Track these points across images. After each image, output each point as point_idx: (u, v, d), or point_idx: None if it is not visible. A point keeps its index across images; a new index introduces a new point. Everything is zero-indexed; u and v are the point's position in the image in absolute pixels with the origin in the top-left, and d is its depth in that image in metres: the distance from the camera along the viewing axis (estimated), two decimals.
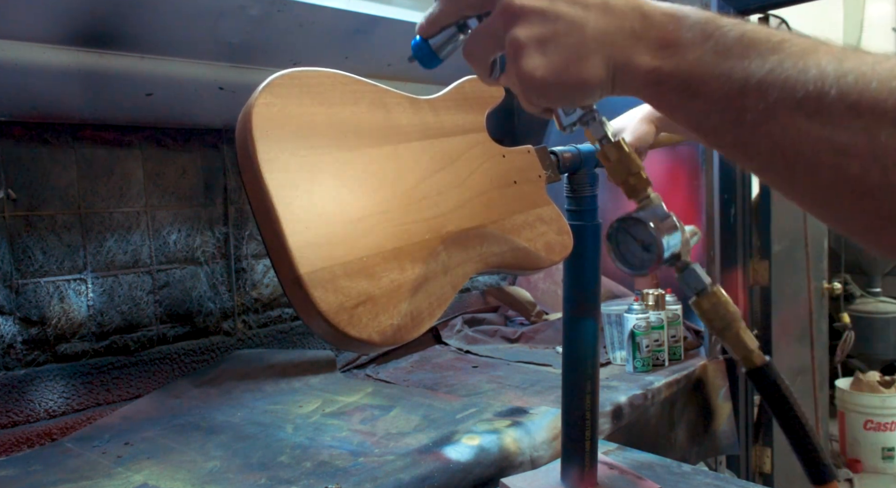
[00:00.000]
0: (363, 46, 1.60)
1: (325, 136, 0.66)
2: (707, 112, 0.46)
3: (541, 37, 0.49)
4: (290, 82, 0.65)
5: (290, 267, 0.59)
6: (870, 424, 3.02)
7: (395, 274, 0.66)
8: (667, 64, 0.47)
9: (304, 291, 0.58)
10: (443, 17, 0.59)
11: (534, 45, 0.50)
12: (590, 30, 0.49)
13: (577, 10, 0.49)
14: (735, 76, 0.44)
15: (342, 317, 0.60)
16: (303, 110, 0.65)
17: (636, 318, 1.54)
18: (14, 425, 1.24)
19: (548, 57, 0.49)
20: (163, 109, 1.43)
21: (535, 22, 0.50)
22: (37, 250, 1.28)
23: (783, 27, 2.20)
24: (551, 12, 0.49)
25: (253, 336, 1.62)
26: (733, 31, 0.45)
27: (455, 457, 1.05)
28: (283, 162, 0.61)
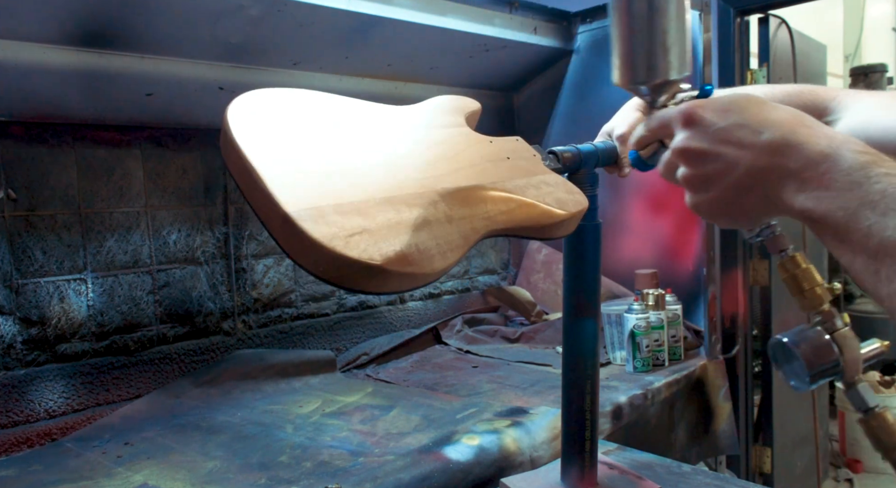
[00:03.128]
0: (363, 46, 1.59)
1: (297, 120, 0.68)
2: (852, 258, 0.48)
3: (703, 175, 0.55)
4: (262, 93, 0.69)
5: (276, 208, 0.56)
6: None
7: (391, 214, 0.63)
8: (817, 207, 0.49)
9: (294, 227, 0.56)
10: (645, 139, 0.66)
11: (698, 183, 0.56)
12: (744, 168, 0.52)
13: (733, 149, 0.53)
14: (875, 234, 0.46)
15: (337, 243, 0.56)
16: (278, 105, 0.68)
17: (636, 318, 1.54)
18: (14, 425, 1.24)
19: (710, 193, 0.55)
20: (163, 109, 1.43)
21: (698, 162, 0.55)
22: (37, 250, 1.28)
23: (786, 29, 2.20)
24: (711, 153, 0.54)
25: (253, 336, 1.62)
26: (880, 183, 0.47)
27: (455, 457, 1.05)
28: (258, 130, 0.63)
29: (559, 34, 1.96)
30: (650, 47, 0.64)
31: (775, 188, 0.51)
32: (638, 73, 0.65)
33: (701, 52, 1.73)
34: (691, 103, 0.58)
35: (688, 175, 0.56)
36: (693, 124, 0.56)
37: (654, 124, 0.63)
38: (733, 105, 0.55)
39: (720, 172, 0.54)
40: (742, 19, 2.00)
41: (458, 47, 1.76)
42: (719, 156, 0.54)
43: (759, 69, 2.09)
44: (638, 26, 0.63)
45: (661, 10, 0.63)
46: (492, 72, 1.98)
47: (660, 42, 0.63)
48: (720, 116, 0.55)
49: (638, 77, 0.65)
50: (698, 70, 1.74)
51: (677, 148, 0.57)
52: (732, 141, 0.53)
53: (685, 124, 0.57)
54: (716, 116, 0.55)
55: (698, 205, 0.57)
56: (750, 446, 2.03)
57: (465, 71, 1.91)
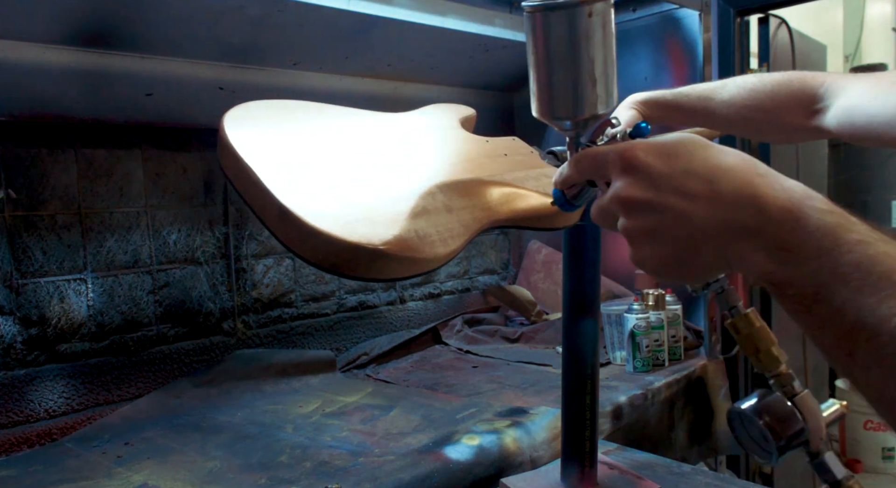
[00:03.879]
0: (363, 46, 1.59)
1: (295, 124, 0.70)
2: (821, 331, 0.43)
3: (649, 228, 0.49)
4: (254, 104, 0.71)
5: (273, 202, 0.56)
6: (870, 424, 3.02)
7: (388, 204, 0.63)
8: (781, 270, 0.44)
9: (293, 218, 0.56)
10: (571, 179, 0.59)
11: (643, 236, 0.49)
12: (697, 223, 0.47)
13: (683, 202, 0.47)
14: (848, 312, 0.41)
15: (336, 228, 0.57)
16: (269, 112, 0.70)
17: (636, 318, 1.54)
18: (14, 425, 1.24)
19: (657, 248, 0.49)
20: (163, 109, 1.43)
21: (642, 214, 0.49)
22: (37, 250, 1.28)
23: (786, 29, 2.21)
24: (657, 205, 0.48)
25: (253, 336, 1.62)
26: (853, 253, 0.41)
27: (455, 457, 1.05)
28: (253, 135, 0.65)
29: None
30: (576, 78, 0.56)
31: (732, 246, 0.46)
32: (560, 106, 0.57)
33: (701, 52, 1.73)
34: (629, 145, 0.51)
35: (630, 227, 0.50)
36: (633, 170, 0.49)
37: (583, 165, 0.56)
38: (679, 148, 0.49)
39: (668, 226, 0.48)
40: (742, 19, 2.00)
41: (458, 47, 1.76)
42: (666, 209, 0.47)
43: (759, 69, 2.10)
44: (561, 54, 0.55)
45: (588, 35, 0.55)
46: (492, 72, 1.98)
47: (587, 72, 0.56)
48: (664, 162, 0.49)
49: (560, 111, 0.58)
50: (698, 70, 1.74)
51: (615, 196, 0.50)
52: (680, 190, 0.47)
53: (622, 170, 0.50)
54: (660, 161, 0.49)
55: (643, 260, 0.50)
56: None
57: (465, 71, 1.91)
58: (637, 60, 1.84)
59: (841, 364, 0.43)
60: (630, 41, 1.86)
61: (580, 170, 0.57)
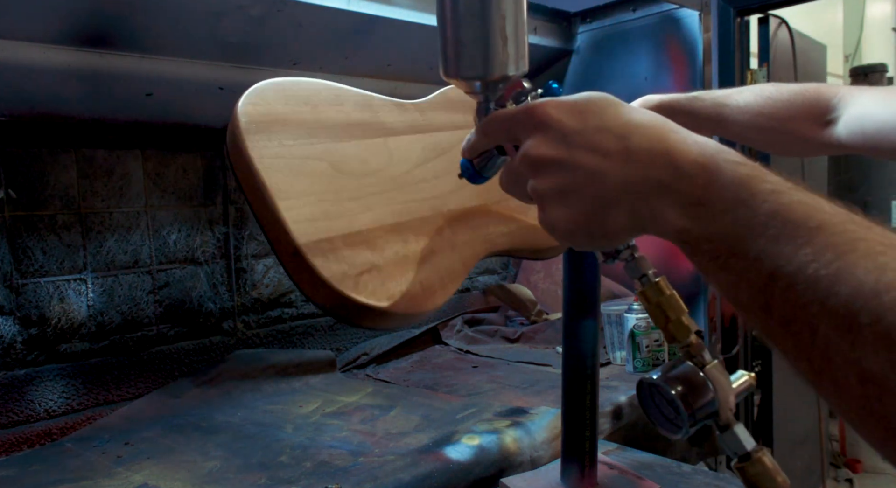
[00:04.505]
0: (363, 46, 1.59)
1: (313, 130, 0.66)
2: (736, 288, 0.42)
3: (560, 187, 0.47)
4: (274, 87, 0.66)
5: (287, 241, 0.57)
6: None
7: (399, 246, 0.65)
8: (695, 226, 0.43)
9: (305, 262, 0.57)
10: (479, 146, 0.58)
11: (554, 196, 0.47)
12: (611, 180, 0.45)
13: (596, 158, 0.45)
14: (764, 262, 0.39)
15: (347, 283, 0.59)
16: (289, 108, 0.66)
17: (636, 318, 1.54)
18: (14, 425, 1.24)
19: (569, 208, 0.47)
20: (163, 109, 1.43)
21: (553, 172, 0.47)
22: (37, 250, 1.28)
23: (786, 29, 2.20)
24: (569, 162, 0.46)
25: (253, 336, 1.62)
26: (767, 202, 0.40)
27: (455, 457, 1.05)
28: (272, 150, 0.62)
29: (559, 34, 1.96)
30: (486, 35, 0.53)
31: (646, 203, 0.44)
32: (470, 64, 0.55)
33: (701, 52, 1.73)
34: (539, 102, 0.49)
35: (539, 187, 0.48)
36: (543, 127, 0.47)
37: (491, 127, 0.54)
38: (590, 105, 0.48)
39: (580, 185, 0.46)
40: (742, 19, 2.00)
41: None
42: (578, 166, 0.46)
43: (759, 69, 2.10)
44: (471, 9, 0.53)
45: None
46: None
47: (497, 29, 0.53)
48: (576, 118, 0.47)
49: (470, 69, 0.55)
50: (698, 70, 1.74)
51: (525, 155, 0.48)
52: (593, 147, 0.45)
53: (533, 127, 0.48)
54: (571, 118, 0.47)
55: (554, 222, 0.48)
56: None
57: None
58: (637, 60, 1.84)
59: (758, 319, 0.41)
60: (630, 41, 1.86)
61: (488, 133, 0.55)
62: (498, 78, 0.55)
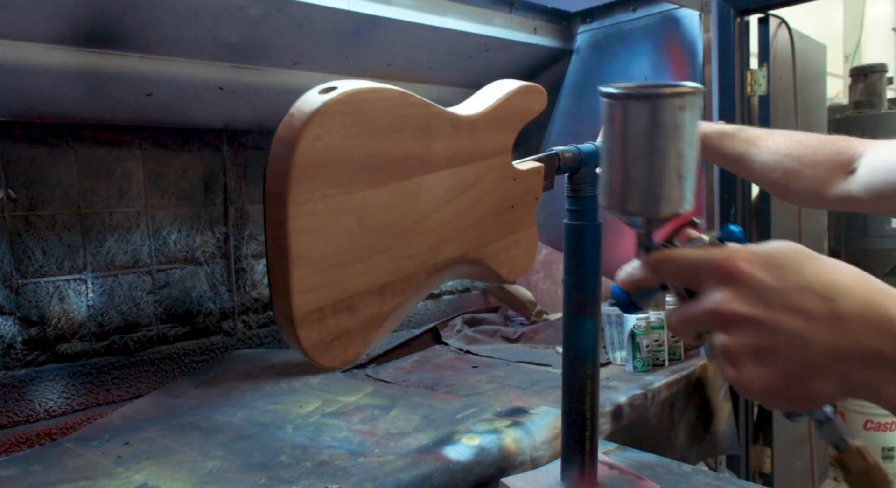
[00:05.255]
0: (363, 46, 1.59)
1: (359, 172, 0.64)
2: None
3: (757, 348, 0.44)
4: (344, 109, 0.61)
5: (286, 306, 0.60)
6: (870, 424, 3.02)
7: (375, 308, 0.67)
8: None
9: (293, 327, 0.60)
10: (645, 283, 0.55)
11: (749, 356, 0.44)
12: (816, 345, 0.42)
13: (798, 320, 0.43)
14: None
15: (318, 352, 0.63)
16: (348, 142, 0.62)
17: (636, 318, 1.54)
18: (14, 425, 1.24)
19: (766, 369, 0.44)
20: (163, 109, 1.43)
21: (749, 331, 0.44)
22: (37, 250, 1.28)
23: (786, 29, 2.20)
24: (768, 323, 0.43)
25: (253, 336, 1.62)
26: None
27: (455, 457, 1.05)
28: (313, 205, 0.60)
29: (559, 34, 1.96)
30: (660, 174, 0.51)
31: (860, 372, 0.41)
32: (640, 202, 0.52)
33: (701, 52, 1.73)
34: (730, 253, 0.46)
35: (732, 346, 0.45)
36: (736, 282, 0.45)
37: (667, 269, 0.52)
38: (786, 260, 0.45)
39: (780, 347, 0.43)
40: (742, 19, 2.00)
41: (458, 47, 1.76)
42: (778, 327, 0.43)
43: (759, 69, 2.10)
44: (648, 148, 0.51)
45: (678, 128, 0.50)
46: (492, 72, 1.98)
47: (673, 168, 0.51)
48: (772, 274, 0.44)
49: (639, 207, 0.53)
50: (698, 70, 1.74)
51: (716, 311, 0.46)
52: (794, 308, 0.43)
53: (723, 281, 0.46)
54: (767, 274, 0.44)
55: (748, 382, 0.45)
56: (750, 446, 2.03)
57: (465, 71, 1.91)
58: (637, 60, 1.84)
59: None
60: (630, 41, 1.86)
61: (661, 274, 0.53)
62: (667, 216, 0.53)
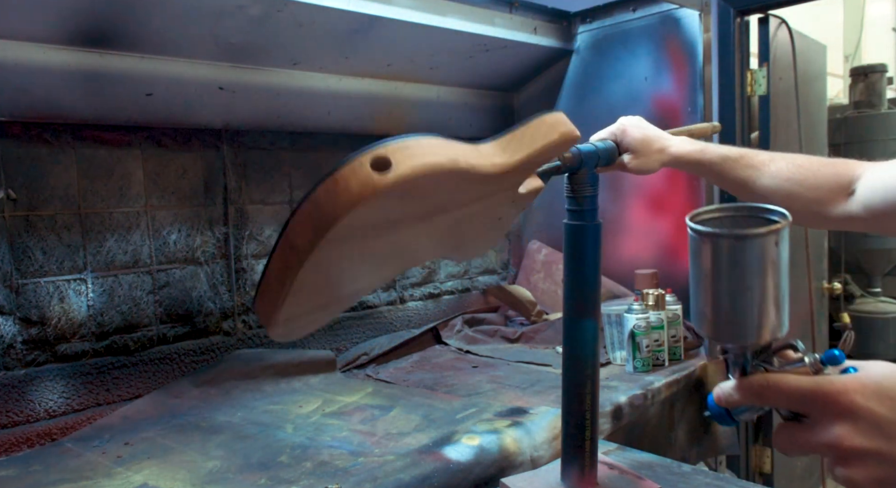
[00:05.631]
0: (363, 46, 1.59)
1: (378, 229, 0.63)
2: None
3: (883, 480, 0.46)
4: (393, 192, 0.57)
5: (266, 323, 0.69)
6: None
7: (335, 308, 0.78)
8: None
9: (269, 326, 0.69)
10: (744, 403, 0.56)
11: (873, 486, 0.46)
12: None
13: None
14: None
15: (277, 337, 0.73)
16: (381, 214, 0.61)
17: (636, 318, 1.54)
18: (14, 425, 1.24)
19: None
20: (163, 109, 1.43)
21: (872, 465, 0.46)
22: (37, 250, 1.28)
23: (786, 29, 2.20)
24: (890, 455, 0.45)
25: (253, 336, 1.62)
26: None
27: (455, 457, 1.05)
28: (327, 255, 0.60)
29: (559, 34, 1.96)
30: (759, 304, 0.53)
31: None
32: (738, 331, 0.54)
33: (701, 52, 1.73)
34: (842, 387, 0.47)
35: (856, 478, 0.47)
36: (851, 416, 0.46)
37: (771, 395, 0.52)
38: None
39: None
40: (742, 19, 2.00)
41: (458, 47, 1.76)
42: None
43: (759, 69, 2.09)
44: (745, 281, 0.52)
45: (774, 262, 0.52)
46: (492, 72, 1.98)
47: (771, 298, 0.53)
48: (887, 406, 0.45)
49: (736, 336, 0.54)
50: (698, 70, 1.74)
51: (836, 444, 0.47)
52: None
53: (840, 415, 0.47)
54: (882, 406, 0.45)
55: None
56: (750, 446, 2.03)
57: (465, 71, 1.91)
58: (637, 60, 1.84)
59: None
60: (630, 41, 1.86)
61: (764, 399, 0.53)
62: (766, 343, 0.54)
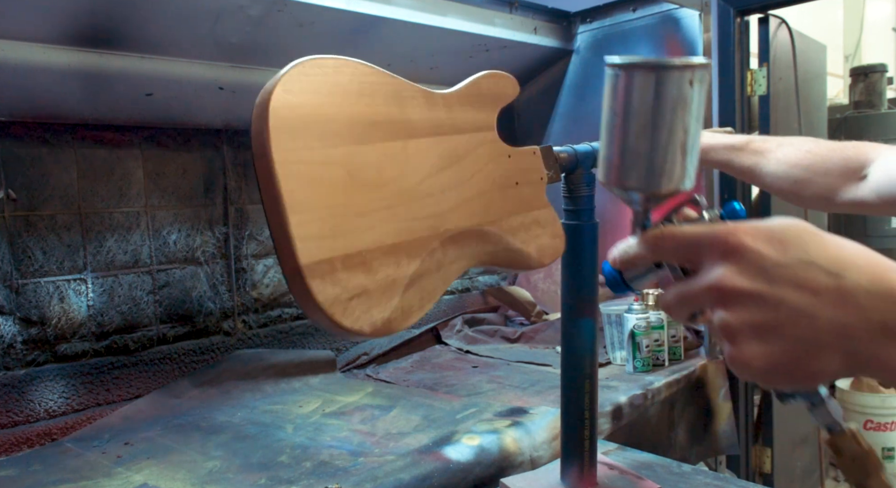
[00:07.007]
0: (363, 46, 1.59)
1: (338, 128, 0.66)
2: None
3: (759, 325, 0.42)
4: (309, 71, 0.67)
5: (292, 257, 0.60)
6: (870, 424, 3.02)
7: (392, 269, 0.67)
8: None
9: (304, 282, 0.60)
10: (640, 261, 0.53)
11: (750, 333, 0.43)
12: (822, 321, 0.41)
13: (804, 296, 0.41)
14: None
15: (337, 308, 0.61)
16: (320, 100, 0.66)
17: (636, 318, 1.54)
18: (14, 425, 1.24)
19: (768, 347, 0.42)
20: (163, 109, 1.43)
21: (750, 307, 0.43)
22: (37, 250, 1.28)
23: (786, 29, 2.20)
24: (771, 298, 0.42)
25: (253, 336, 1.62)
26: None
27: (455, 457, 1.05)
28: (296, 153, 0.62)
29: (559, 34, 1.96)
30: (665, 148, 0.49)
31: (867, 347, 0.40)
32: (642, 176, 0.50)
33: (701, 52, 1.73)
34: (732, 228, 0.44)
35: (732, 322, 0.44)
36: (739, 257, 0.44)
37: (665, 245, 0.49)
38: (790, 235, 0.43)
39: (783, 323, 0.42)
40: (742, 19, 2.00)
41: (458, 47, 1.76)
42: (782, 303, 0.42)
43: (759, 69, 2.09)
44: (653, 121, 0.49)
45: (687, 103, 0.48)
46: None
47: (678, 142, 0.49)
48: (777, 249, 0.43)
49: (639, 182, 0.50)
50: None
51: (716, 286, 0.44)
52: (799, 283, 0.42)
53: (726, 255, 0.44)
54: (771, 248, 0.43)
55: (748, 360, 0.43)
56: (750, 446, 2.03)
57: (465, 71, 1.90)
58: None
59: None
60: (630, 41, 1.86)
61: (658, 251, 0.51)
62: (668, 192, 0.51)
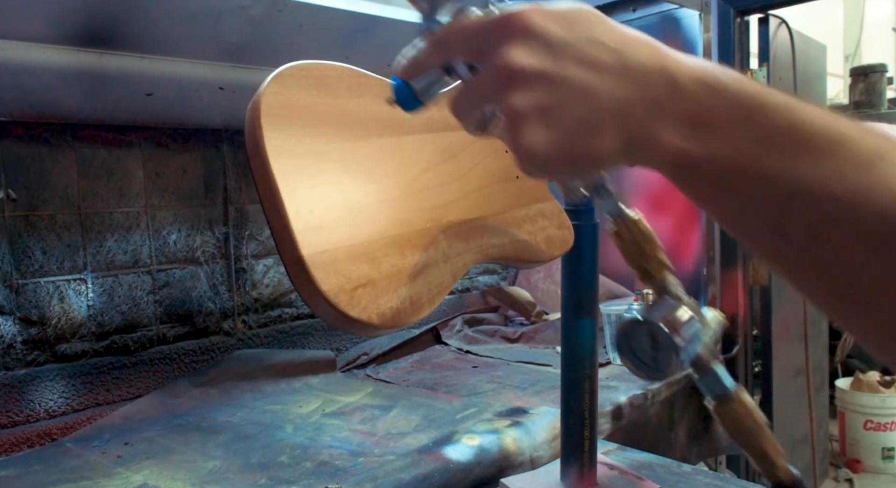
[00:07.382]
0: (363, 46, 1.59)
1: (330, 126, 0.67)
2: (742, 212, 0.38)
3: (543, 105, 0.40)
4: (297, 73, 0.69)
5: (292, 249, 0.60)
6: (870, 424, 3.02)
7: (396, 259, 0.67)
8: (697, 147, 0.38)
9: (306, 272, 0.59)
10: (427, 61, 0.49)
11: (535, 115, 0.41)
12: (603, 98, 0.40)
13: (588, 73, 0.40)
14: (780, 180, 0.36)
15: (342, 298, 0.60)
16: (309, 100, 0.67)
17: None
18: (14, 425, 1.24)
19: (551, 129, 0.40)
20: (163, 109, 1.43)
21: (535, 87, 0.40)
22: (37, 250, 1.28)
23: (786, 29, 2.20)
24: (557, 76, 0.40)
25: (253, 336, 1.62)
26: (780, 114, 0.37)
27: (455, 457, 1.05)
28: (290, 148, 0.63)
29: None
30: None
31: (641, 124, 0.39)
32: None
33: (701, 52, 1.73)
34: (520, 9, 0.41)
35: (518, 104, 0.41)
36: (525, 35, 0.40)
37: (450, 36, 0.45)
38: (579, 15, 0.41)
39: (567, 102, 0.40)
40: (742, 19, 2.00)
41: None
42: (566, 81, 0.39)
43: (759, 69, 2.10)
44: None
45: None
46: None
47: None
48: (564, 27, 0.40)
49: None
50: None
51: (502, 66, 0.41)
52: (584, 60, 0.40)
53: (511, 35, 0.41)
54: (558, 27, 0.40)
55: (532, 145, 0.41)
56: None
57: None
58: None
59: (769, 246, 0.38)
60: None
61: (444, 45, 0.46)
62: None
